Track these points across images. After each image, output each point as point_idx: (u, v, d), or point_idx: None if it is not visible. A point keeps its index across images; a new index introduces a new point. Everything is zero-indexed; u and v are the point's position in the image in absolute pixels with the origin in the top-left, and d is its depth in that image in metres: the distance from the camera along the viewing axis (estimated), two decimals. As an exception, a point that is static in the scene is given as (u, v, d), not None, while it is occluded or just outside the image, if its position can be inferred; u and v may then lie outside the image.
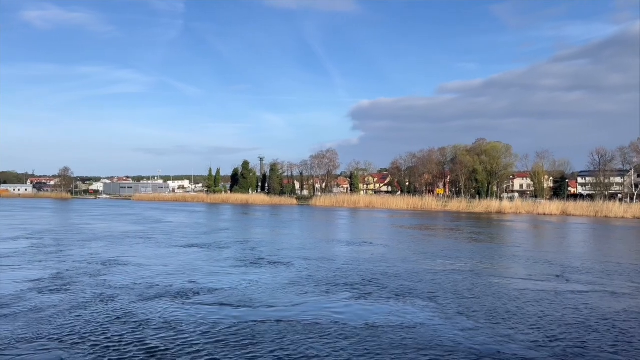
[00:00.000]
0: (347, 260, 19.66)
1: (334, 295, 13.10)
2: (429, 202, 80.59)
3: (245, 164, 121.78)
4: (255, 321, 10.35)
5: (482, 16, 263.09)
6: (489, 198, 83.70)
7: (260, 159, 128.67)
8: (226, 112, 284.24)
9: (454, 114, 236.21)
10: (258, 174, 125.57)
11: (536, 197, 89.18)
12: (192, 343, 8.86)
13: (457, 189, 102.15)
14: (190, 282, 14.66)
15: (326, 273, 16.57)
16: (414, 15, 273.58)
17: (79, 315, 10.61)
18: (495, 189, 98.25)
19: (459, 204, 78.24)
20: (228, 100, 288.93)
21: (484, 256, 22.17)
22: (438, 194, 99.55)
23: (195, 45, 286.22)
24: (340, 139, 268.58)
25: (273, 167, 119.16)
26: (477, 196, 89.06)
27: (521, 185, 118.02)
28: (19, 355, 8.14)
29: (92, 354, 8.26)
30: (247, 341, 9.02)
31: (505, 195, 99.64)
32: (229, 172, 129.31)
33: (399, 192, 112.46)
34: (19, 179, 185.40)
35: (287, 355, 8.33)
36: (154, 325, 9.96)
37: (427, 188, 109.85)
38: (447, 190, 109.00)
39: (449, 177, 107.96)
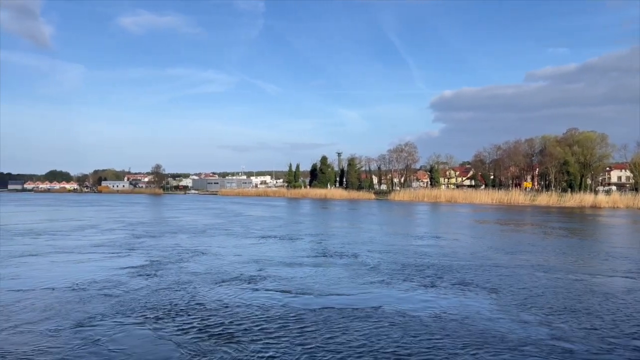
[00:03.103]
0: (416, 254, 19.46)
1: (397, 286, 13.19)
2: (516, 196, 76.51)
3: (324, 159, 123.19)
4: (316, 308, 10.78)
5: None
6: (582, 192, 77.79)
7: (338, 154, 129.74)
8: (304, 108, 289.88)
9: (544, 102, 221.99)
10: (336, 169, 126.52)
11: (637, 190, 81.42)
12: (253, 326, 9.46)
13: (547, 182, 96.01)
14: (260, 270, 15.46)
15: (393, 265, 16.62)
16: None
17: (161, 297, 11.75)
18: (589, 181, 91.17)
19: (548, 198, 73.56)
20: (306, 96, 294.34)
21: (564, 252, 20.83)
22: (525, 188, 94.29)
23: (274, 43, 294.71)
24: (420, 132, 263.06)
25: (351, 162, 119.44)
26: (569, 190, 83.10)
27: (619, 178, 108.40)
28: (114, 325, 9.30)
29: (169, 327, 9.19)
30: (306, 326, 9.46)
31: (600, 188, 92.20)
32: (308, 168, 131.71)
33: (483, 186, 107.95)
34: (117, 176, 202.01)
35: (346, 341, 8.62)
36: (221, 307, 10.76)
37: (514, 181, 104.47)
38: (536, 183, 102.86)
39: (537, 169, 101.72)
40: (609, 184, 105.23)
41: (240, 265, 16.43)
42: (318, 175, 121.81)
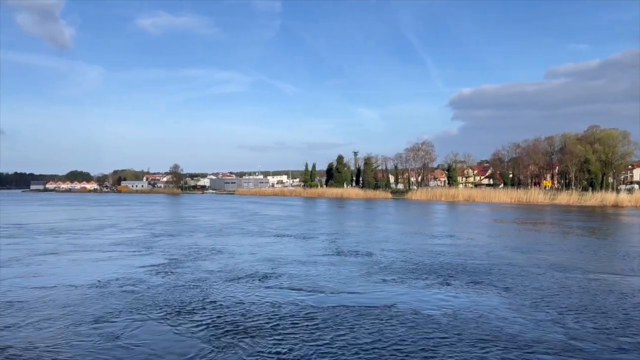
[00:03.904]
0: (431, 253, 19.45)
1: (410, 285, 13.22)
2: (535, 195, 75.46)
3: (340, 158, 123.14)
4: (328, 306, 10.89)
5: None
6: (603, 190, 76.35)
7: (355, 153, 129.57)
8: (321, 107, 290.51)
9: (566, 100, 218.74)
10: (352, 168, 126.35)
11: (661, 188, 79.61)
12: (268, 323, 9.61)
13: (567, 181, 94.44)
14: (274, 268, 15.63)
15: (407, 264, 16.64)
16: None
17: (178, 294, 12.00)
18: (610, 180, 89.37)
19: (568, 197, 72.40)
20: (323, 96, 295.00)
21: (582, 251, 20.55)
22: (545, 187, 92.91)
23: (291, 43, 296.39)
24: (438, 130, 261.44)
25: (367, 161, 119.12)
26: (590, 188, 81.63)
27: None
28: (133, 321, 9.55)
29: (186, 323, 9.40)
30: (319, 324, 9.57)
31: (622, 187, 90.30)
32: (325, 167, 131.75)
33: (502, 185, 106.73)
34: (136, 176, 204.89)
35: (358, 339, 8.72)
36: (236, 305, 10.96)
37: (533, 180, 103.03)
38: (556, 182, 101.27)
39: (557, 168, 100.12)
40: (631, 183, 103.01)
41: (255, 263, 16.62)
42: (334, 174, 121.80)
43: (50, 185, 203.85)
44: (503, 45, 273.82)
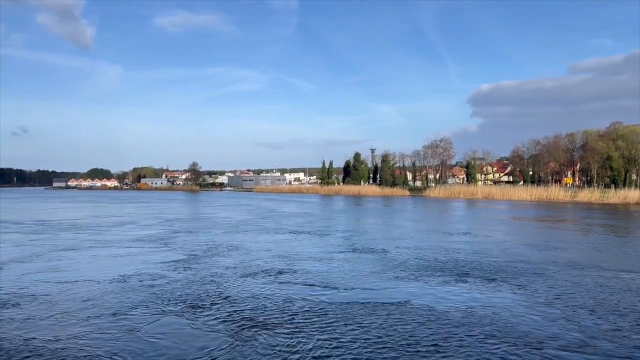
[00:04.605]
0: (447, 250, 19.40)
1: (424, 281, 13.22)
2: (556, 193, 74.30)
3: (357, 155, 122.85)
4: (343, 302, 10.98)
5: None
6: (626, 187, 74.81)
7: (372, 150, 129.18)
8: (339, 105, 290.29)
9: (588, 95, 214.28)
10: (369, 165, 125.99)
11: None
12: (282, 318, 9.75)
13: (589, 178, 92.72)
14: (289, 265, 15.78)
15: (422, 261, 16.64)
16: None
17: (196, 289, 12.24)
18: (634, 177, 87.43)
19: (590, 195, 71.14)
20: (340, 93, 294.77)
21: (602, 249, 20.25)
22: (566, 184, 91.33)
23: (309, 41, 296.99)
24: (456, 127, 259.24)
25: (384, 158, 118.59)
26: (612, 185, 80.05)
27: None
28: (152, 314, 9.78)
29: (204, 317, 9.59)
30: (333, 320, 9.67)
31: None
32: (342, 164, 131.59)
33: (521, 182, 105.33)
34: (156, 173, 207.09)
35: (371, 334, 8.78)
36: (252, 300, 11.13)
37: (554, 177, 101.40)
38: (577, 179, 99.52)
39: (578, 165, 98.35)
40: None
41: (271, 259, 16.80)
42: (351, 171, 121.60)
43: (71, 183, 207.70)
44: (523, 40, 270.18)
